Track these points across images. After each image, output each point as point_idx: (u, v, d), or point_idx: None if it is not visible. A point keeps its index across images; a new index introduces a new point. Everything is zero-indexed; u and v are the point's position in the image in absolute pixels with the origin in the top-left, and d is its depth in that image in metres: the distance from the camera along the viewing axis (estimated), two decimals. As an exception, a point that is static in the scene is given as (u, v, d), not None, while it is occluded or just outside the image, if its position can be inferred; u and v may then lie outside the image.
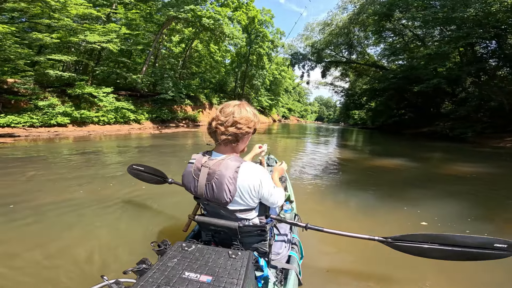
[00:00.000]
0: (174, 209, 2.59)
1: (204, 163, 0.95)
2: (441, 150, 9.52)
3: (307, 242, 1.72)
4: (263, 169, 0.97)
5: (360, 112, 34.13)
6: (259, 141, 10.49)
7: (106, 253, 1.77)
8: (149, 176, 1.96)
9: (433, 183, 4.24)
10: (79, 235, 2.02)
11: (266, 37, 26.40)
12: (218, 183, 0.90)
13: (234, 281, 0.69)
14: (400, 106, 24.23)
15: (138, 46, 13.77)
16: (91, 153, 5.76)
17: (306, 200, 3.05)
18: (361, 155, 7.92)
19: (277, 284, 1.03)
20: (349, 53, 28.86)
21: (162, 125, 15.48)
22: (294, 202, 1.89)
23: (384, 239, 1.13)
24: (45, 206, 2.56)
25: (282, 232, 1.36)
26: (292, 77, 53.01)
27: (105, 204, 2.66)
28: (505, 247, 0.92)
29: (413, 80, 18.28)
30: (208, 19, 14.37)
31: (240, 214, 0.96)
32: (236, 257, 0.80)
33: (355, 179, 4.43)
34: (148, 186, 2.49)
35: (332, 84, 36.61)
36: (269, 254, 1.07)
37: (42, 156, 5.26)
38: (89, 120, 11.21)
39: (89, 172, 3.99)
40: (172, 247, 0.86)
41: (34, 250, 1.77)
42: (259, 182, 0.92)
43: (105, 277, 0.78)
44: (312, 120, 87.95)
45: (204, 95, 23.43)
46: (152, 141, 8.91)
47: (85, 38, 10.56)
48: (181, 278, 0.70)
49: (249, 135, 1.02)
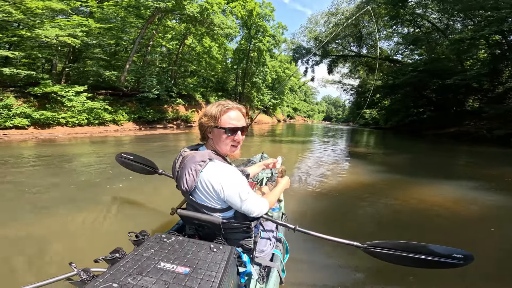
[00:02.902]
0: (161, 201, 2.61)
1: (184, 152, 1.00)
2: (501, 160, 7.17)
3: (293, 241, 1.70)
4: (232, 171, 0.93)
5: (372, 111, 31.37)
6: (252, 143, 8.84)
7: (81, 244, 1.78)
8: (139, 166, 1.89)
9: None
10: (50, 225, 2.03)
11: (267, 31, 24.38)
12: (181, 170, 0.94)
13: (213, 273, 0.67)
14: (418, 104, 21.53)
15: (110, 41, 12.27)
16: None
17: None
18: (389, 176, 4.72)
19: (259, 281, 1.02)
20: (358, 46, 26.31)
21: (147, 127, 13.95)
22: (282, 201, 1.87)
23: (361, 245, 1.13)
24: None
25: (268, 230, 1.32)
26: (297, 76, 50.70)
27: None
28: (461, 257, 0.97)
29: (436, 74, 15.72)
30: (193, 8, 12.70)
31: (208, 211, 0.96)
32: (218, 250, 0.78)
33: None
34: (136, 177, 3.01)
35: (340, 82, 34.04)
36: (253, 251, 1.06)
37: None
38: (55, 121, 9.77)
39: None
40: (150, 238, 0.84)
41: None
42: (219, 185, 0.90)
43: (73, 265, 0.74)
44: (320, 120, 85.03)
45: (200, 94, 21.83)
46: (120, 145, 7.24)
47: (42, 32, 9.16)
48: (156, 268, 0.67)
49: (214, 130, 0.99)
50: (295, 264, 1.63)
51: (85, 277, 0.71)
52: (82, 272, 0.72)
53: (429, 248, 1.01)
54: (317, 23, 24.92)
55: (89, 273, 0.73)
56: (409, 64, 19.70)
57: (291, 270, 1.48)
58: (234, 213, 0.99)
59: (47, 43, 10.00)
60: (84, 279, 0.71)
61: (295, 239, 1.80)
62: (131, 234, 0.92)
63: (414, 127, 19.32)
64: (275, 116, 39.85)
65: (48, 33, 9.19)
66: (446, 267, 1.00)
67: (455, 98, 18.98)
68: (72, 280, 0.73)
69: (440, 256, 0.99)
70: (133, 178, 3.41)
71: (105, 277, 0.62)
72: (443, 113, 19.44)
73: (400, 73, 18.74)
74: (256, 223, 1.02)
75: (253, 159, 2.63)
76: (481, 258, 1.54)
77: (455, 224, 2.50)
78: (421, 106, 21.91)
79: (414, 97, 21.07)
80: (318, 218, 2.60)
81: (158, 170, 1.83)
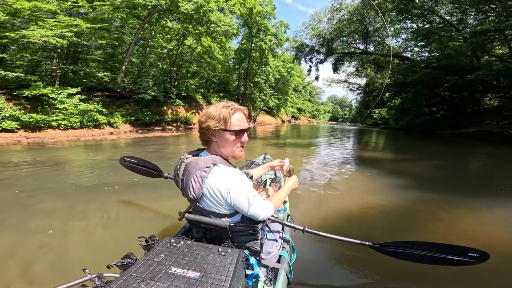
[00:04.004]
0: (168, 205, 2.57)
1: (186, 158, 0.97)
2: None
3: (299, 243, 1.71)
4: (238, 175, 0.91)
5: (381, 111, 30.03)
6: (254, 146, 8.24)
7: (93, 249, 1.78)
8: (143, 169, 1.88)
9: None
10: (64, 230, 2.03)
11: (268, 30, 23.62)
12: (186, 178, 0.92)
13: (222, 277, 0.67)
14: (430, 102, 20.27)
15: (101, 41, 11.86)
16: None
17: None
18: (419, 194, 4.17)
19: (267, 283, 1.02)
20: (365, 43, 25.17)
21: (144, 129, 13.47)
22: (287, 202, 1.85)
23: (374, 244, 1.16)
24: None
25: (274, 231, 1.30)
26: (301, 75, 49.70)
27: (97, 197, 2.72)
28: (477, 256, 0.99)
29: (452, 70, 14.59)
30: (188, 5, 12.16)
31: (216, 217, 0.95)
32: (226, 254, 0.78)
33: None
34: (143, 182, 3.05)
35: (346, 82, 32.88)
36: (260, 253, 1.05)
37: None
38: (46, 124, 9.37)
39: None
40: (160, 243, 0.84)
41: (14, 247, 1.79)
42: (226, 190, 0.88)
43: (87, 271, 0.76)
44: (325, 120, 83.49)
45: (201, 95, 21.31)
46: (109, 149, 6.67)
47: (28, 33, 8.81)
48: (167, 274, 0.67)
49: (222, 135, 0.96)
50: (302, 265, 1.60)
51: (99, 283, 0.72)
52: (95, 278, 0.73)
53: (444, 247, 1.03)
54: (320, 20, 23.85)
55: (103, 279, 0.73)
56: (421, 61, 18.48)
57: (298, 271, 1.48)
58: (241, 217, 0.98)
59: (39, 45, 9.58)
60: (97, 285, 0.72)
61: (302, 240, 1.82)
62: (141, 239, 0.92)
63: (428, 127, 18.16)
64: (279, 117, 39.01)
65: (33, 34, 8.82)
66: (461, 264, 1.02)
67: (471, 96, 17.71)
68: (86, 286, 0.72)
69: (456, 254, 1.01)
70: (134, 183, 3.37)
71: (118, 283, 0.63)
72: (458, 112, 18.26)
73: (411, 70, 17.58)
74: (262, 225, 1.02)
75: (256, 161, 2.57)
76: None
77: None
78: (434, 105, 20.64)
79: (426, 96, 19.84)
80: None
81: (163, 174, 1.82)
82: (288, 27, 25.92)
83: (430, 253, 1.02)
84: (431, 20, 18.66)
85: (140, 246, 0.89)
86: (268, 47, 24.09)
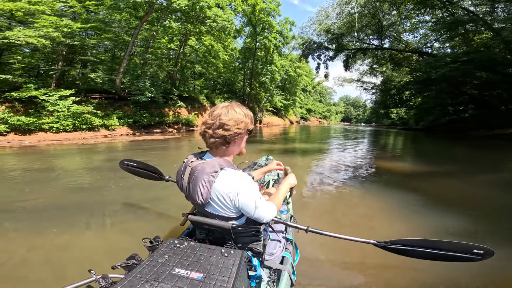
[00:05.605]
0: (170, 207, 2.59)
1: (190, 162, 0.95)
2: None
3: (302, 243, 1.69)
4: (245, 179, 0.91)
5: (399, 111, 27.80)
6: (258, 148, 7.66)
7: (97, 250, 1.79)
8: (143, 172, 1.88)
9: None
10: (68, 231, 2.04)
11: (273, 27, 22.51)
12: (193, 183, 0.91)
13: (225, 279, 0.68)
14: (457, 101, 18.17)
15: (91, 41, 11.40)
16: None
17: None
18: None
19: (270, 284, 1.01)
20: (379, 39, 23.32)
21: (142, 131, 12.91)
22: (290, 203, 1.82)
23: (378, 243, 1.15)
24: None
25: (277, 231, 1.31)
26: (309, 75, 48.00)
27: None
28: (481, 252, 0.99)
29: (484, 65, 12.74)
30: (180, 0, 11.46)
31: (222, 220, 0.94)
32: (229, 255, 0.79)
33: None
34: (145, 184, 3.00)
35: (360, 81, 30.90)
36: (263, 254, 1.05)
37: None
38: (36, 127, 8.96)
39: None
40: (164, 244, 0.85)
41: (20, 249, 1.79)
42: (234, 194, 0.88)
43: (93, 271, 0.76)
44: (337, 121, 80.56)
45: (204, 96, 20.66)
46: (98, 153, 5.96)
47: (12, 34, 8.49)
48: (171, 274, 0.68)
49: (242, 137, 0.99)
50: (306, 266, 1.59)
51: (104, 284, 0.73)
52: (101, 279, 0.73)
53: (449, 244, 1.03)
54: (328, 15, 22.20)
55: (108, 279, 0.74)
56: (445, 55, 16.52)
57: (301, 272, 1.46)
58: (246, 219, 0.98)
59: (26, 46, 9.26)
60: (103, 286, 0.72)
61: (305, 240, 1.83)
62: (145, 240, 0.93)
63: (455, 127, 16.22)
64: (287, 118, 37.65)
65: (15, 35, 8.45)
66: (465, 261, 1.02)
67: (507, 93, 15.56)
68: (92, 287, 0.72)
69: (460, 251, 1.01)
70: (136, 185, 3.36)
71: (123, 284, 0.64)
72: (489, 111, 16.14)
73: (433, 66, 15.71)
74: (265, 226, 1.01)
75: (258, 162, 2.52)
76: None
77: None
78: (460, 104, 18.50)
79: (451, 94, 17.79)
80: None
81: (164, 177, 1.81)
82: (294, 24, 24.68)
83: (435, 250, 1.02)
84: (454, 13, 16.72)
85: (145, 247, 0.90)
86: (273, 45, 23.00)
